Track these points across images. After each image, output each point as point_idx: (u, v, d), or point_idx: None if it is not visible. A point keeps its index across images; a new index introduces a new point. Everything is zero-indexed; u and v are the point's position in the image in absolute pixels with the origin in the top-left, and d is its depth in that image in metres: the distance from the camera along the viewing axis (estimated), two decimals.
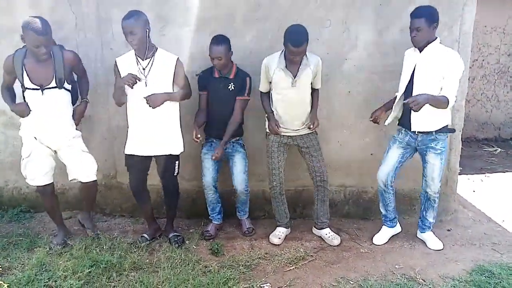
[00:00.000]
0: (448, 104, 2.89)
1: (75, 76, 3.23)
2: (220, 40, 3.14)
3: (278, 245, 3.31)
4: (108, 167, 3.71)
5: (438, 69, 2.92)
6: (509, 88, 6.95)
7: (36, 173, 3.15)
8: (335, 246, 3.30)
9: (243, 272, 2.91)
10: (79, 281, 2.74)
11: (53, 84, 3.00)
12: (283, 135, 3.25)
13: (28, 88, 3.00)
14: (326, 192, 3.35)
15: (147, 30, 2.95)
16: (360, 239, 3.41)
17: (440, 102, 2.90)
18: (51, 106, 3.03)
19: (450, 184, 3.76)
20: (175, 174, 3.25)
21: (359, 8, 3.42)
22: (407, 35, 3.19)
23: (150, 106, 2.96)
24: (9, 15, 3.57)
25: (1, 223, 3.69)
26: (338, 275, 2.89)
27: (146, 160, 3.19)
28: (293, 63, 3.07)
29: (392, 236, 3.41)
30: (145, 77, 3.00)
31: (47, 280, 2.76)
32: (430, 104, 2.87)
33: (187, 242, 3.33)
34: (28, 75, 2.98)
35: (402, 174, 3.61)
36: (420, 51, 3.00)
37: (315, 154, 3.26)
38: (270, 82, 3.19)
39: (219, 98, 3.29)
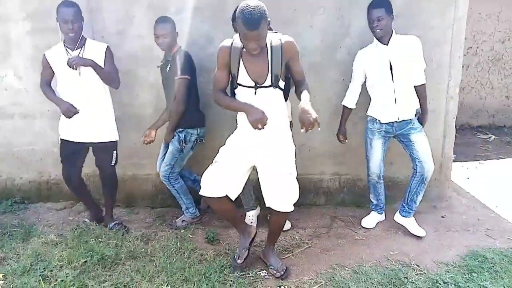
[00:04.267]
0: (425, 89, 3.14)
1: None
2: (166, 18, 3.13)
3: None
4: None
5: (409, 58, 3.01)
6: (503, 75, 6.96)
7: None
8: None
9: None
10: (74, 270, 2.73)
11: None
12: None
13: None
14: None
15: (83, 19, 3.02)
16: (355, 226, 3.43)
17: (424, 107, 3.21)
18: None
19: (444, 171, 3.77)
20: (113, 164, 3.25)
21: None
22: (402, 22, 3.19)
23: (70, 66, 2.93)
24: None
25: None
26: (333, 262, 2.91)
27: (82, 149, 3.19)
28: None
29: (384, 222, 3.45)
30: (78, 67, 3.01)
31: (42, 270, 2.75)
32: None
33: (182, 230, 3.32)
34: None
35: (397, 162, 3.64)
36: (386, 44, 3.02)
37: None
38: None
39: (165, 82, 3.25)
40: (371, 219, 3.41)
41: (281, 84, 2.50)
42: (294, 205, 2.56)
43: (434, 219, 3.44)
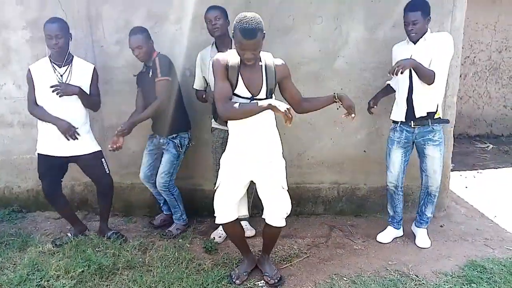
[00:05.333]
0: (433, 79, 2.90)
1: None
2: (138, 30, 3.12)
3: (218, 243, 3.29)
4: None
5: (432, 54, 2.94)
6: (500, 84, 6.99)
7: None
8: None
9: None
10: (71, 280, 2.72)
11: None
12: (227, 131, 3.24)
13: None
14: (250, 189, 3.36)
15: (70, 36, 3.01)
16: (354, 235, 3.42)
17: (425, 72, 2.88)
18: None
19: (443, 180, 3.75)
20: (107, 172, 3.24)
21: (350, 5, 3.42)
22: (398, 32, 3.20)
23: (58, 93, 2.94)
24: None
25: None
26: (331, 272, 2.89)
27: (61, 164, 3.16)
28: (213, 34, 3.06)
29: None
30: (64, 83, 3.01)
31: (39, 280, 2.74)
32: (414, 71, 2.89)
33: (180, 240, 3.31)
34: None
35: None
36: (415, 43, 3.01)
37: None
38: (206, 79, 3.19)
39: (147, 90, 3.23)
40: (387, 235, 3.35)
41: (273, 97, 2.54)
42: (292, 214, 2.59)
43: (433, 228, 3.43)
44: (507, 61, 6.90)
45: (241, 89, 2.43)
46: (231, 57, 2.42)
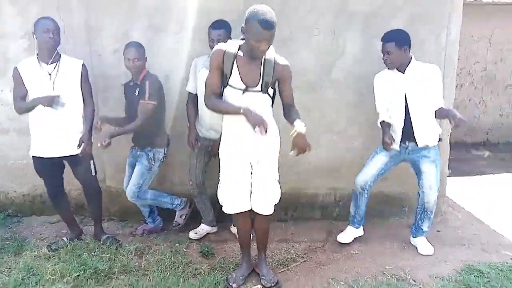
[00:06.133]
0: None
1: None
2: (137, 44, 3.17)
3: (194, 240, 3.38)
4: (97, 171, 3.68)
5: (426, 87, 2.99)
6: (496, 94, 7.08)
7: None
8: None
9: None
10: (67, 285, 2.70)
11: None
12: (206, 138, 3.29)
13: None
14: None
15: (60, 36, 3.06)
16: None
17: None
18: None
19: (439, 187, 3.78)
20: (93, 174, 3.24)
21: (348, 17, 3.47)
22: None
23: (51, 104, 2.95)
24: None
25: None
26: (329, 277, 2.88)
27: (57, 163, 3.15)
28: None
29: (381, 237, 3.43)
30: (52, 81, 3.01)
31: (34, 284, 2.71)
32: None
33: (176, 244, 3.29)
34: None
35: (392, 177, 3.65)
36: (403, 72, 3.03)
37: None
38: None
39: (131, 105, 3.25)
40: (347, 235, 3.36)
41: (270, 91, 2.57)
42: (289, 219, 2.60)
43: (430, 233, 3.42)
44: (502, 72, 7.01)
45: (235, 80, 2.45)
46: (229, 46, 2.45)
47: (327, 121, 3.64)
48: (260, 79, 2.48)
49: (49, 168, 3.13)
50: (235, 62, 2.43)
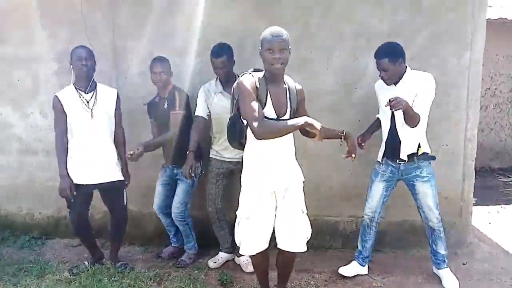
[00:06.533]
0: (417, 122, 2.88)
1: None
2: (164, 58, 3.27)
3: (214, 268, 3.36)
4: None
5: (416, 95, 2.92)
6: None
7: None
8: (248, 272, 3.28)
9: None
10: None
11: None
12: (224, 161, 3.29)
13: None
14: None
15: (95, 63, 3.14)
16: (373, 272, 3.32)
17: (414, 115, 2.85)
18: None
19: (465, 216, 3.68)
20: (125, 204, 3.28)
21: (368, 38, 3.47)
22: (416, 65, 3.22)
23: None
24: (28, 45, 3.72)
25: (13, 249, 3.71)
26: None
27: (89, 191, 3.19)
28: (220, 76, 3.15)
29: (405, 268, 3.33)
30: (91, 109, 3.10)
31: None
32: (404, 113, 2.83)
33: (195, 272, 3.28)
34: None
35: (415, 205, 3.56)
36: (395, 84, 3.00)
37: None
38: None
39: (161, 120, 3.29)
40: (350, 269, 3.27)
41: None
42: (309, 247, 2.55)
43: (455, 266, 3.32)
44: None
45: (269, 110, 2.44)
46: (258, 78, 2.45)
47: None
48: (288, 108, 2.51)
49: (81, 195, 3.17)
50: (268, 92, 2.44)
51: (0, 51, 3.76)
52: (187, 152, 3.11)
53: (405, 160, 3.01)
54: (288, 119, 2.45)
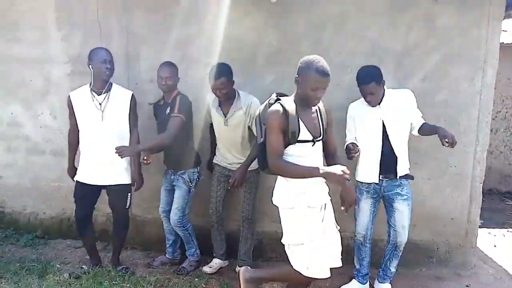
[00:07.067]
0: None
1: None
2: (171, 63, 3.28)
3: (214, 275, 3.37)
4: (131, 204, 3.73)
5: (401, 113, 2.99)
6: None
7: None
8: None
9: None
10: None
11: None
12: (225, 168, 3.34)
13: None
14: (249, 231, 3.40)
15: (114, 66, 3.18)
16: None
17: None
18: None
19: (470, 238, 3.64)
20: (127, 207, 3.28)
21: (380, 56, 3.47)
22: (429, 85, 3.22)
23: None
24: (42, 47, 3.78)
25: (15, 248, 3.74)
26: None
27: (95, 191, 3.23)
28: (219, 98, 3.19)
29: (404, 284, 3.29)
30: (102, 111, 3.11)
31: None
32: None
33: (196, 279, 3.27)
34: None
35: (420, 224, 3.55)
36: (379, 104, 3.00)
37: (249, 191, 3.33)
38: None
39: (162, 124, 3.29)
40: (351, 287, 3.25)
41: None
42: None
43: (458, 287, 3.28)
44: None
45: (304, 134, 2.42)
46: (287, 105, 2.40)
47: (354, 161, 3.58)
48: (321, 129, 2.51)
49: (87, 195, 3.21)
50: (299, 119, 2.42)
51: (14, 50, 3.82)
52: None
53: (388, 175, 3.01)
54: (321, 139, 2.50)
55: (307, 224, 2.41)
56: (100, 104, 3.12)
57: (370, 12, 3.45)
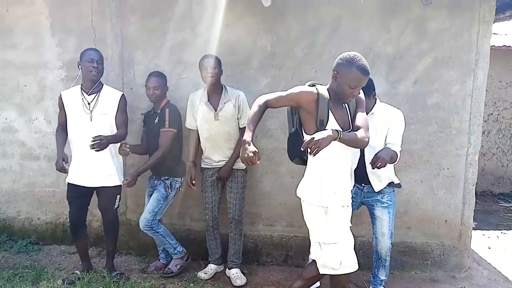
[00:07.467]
0: (397, 158, 2.89)
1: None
2: (159, 73, 3.32)
3: (209, 280, 3.35)
4: (120, 205, 3.72)
5: (383, 130, 2.92)
6: None
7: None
8: (237, 286, 3.27)
9: None
10: None
11: None
12: (215, 168, 3.33)
13: None
14: (238, 231, 3.39)
15: (103, 67, 3.19)
16: None
17: (395, 157, 2.87)
18: None
19: (464, 240, 3.66)
20: (115, 207, 3.28)
21: (372, 60, 3.48)
22: (420, 88, 3.24)
23: (95, 148, 3.01)
24: (37, 52, 3.77)
25: (9, 254, 3.71)
26: None
27: (87, 192, 3.23)
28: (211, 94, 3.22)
29: None
30: (90, 111, 3.12)
31: None
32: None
33: (191, 285, 3.26)
34: None
35: (415, 227, 3.57)
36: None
37: (235, 190, 3.32)
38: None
39: (150, 133, 3.34)
40: None
41: None
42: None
43: None
44: None
45: (333, 125, 2.37)
46: (322, 92, 2.38)
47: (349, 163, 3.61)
48: (349, 120, 2.46)
49: (79, 196, 3.21)
50: (330, 110, 2.38)
51: (9, 56, 3.82)
52: (187, 163, 3.10)
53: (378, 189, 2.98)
54: (351, 130, 2.43)
55: (341, 222, 2.40)
56: (89, 104, 3.12)
57: (363, 16, 3.48)
